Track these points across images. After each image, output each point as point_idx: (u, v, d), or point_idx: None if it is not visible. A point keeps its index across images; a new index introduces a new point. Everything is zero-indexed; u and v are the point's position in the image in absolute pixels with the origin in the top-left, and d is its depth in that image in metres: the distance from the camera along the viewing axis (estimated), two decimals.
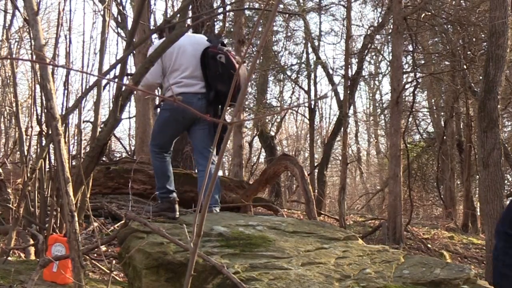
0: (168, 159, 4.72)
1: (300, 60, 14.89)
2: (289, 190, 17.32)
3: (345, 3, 11.37)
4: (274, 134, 15.72)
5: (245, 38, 10.44)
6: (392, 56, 8.97)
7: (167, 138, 4.76)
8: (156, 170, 4.67)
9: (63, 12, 3.29)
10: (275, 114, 16.68)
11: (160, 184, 4.65)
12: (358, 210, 16.22)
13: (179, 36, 2.93)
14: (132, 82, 2.91)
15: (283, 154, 8.11)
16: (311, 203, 5.30)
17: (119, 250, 2.45)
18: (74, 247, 2.01)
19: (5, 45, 7.62)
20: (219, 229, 2.31)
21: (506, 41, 5.99)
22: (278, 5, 1.08)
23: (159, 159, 4.70)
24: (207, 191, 1.25)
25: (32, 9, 2.38)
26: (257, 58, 1.35)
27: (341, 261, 2.18)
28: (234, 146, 11.63)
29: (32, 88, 3.33)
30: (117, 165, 5.97)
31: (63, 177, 2.11)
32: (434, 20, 9.36)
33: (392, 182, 8.31)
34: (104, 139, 2.85)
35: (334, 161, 19.00)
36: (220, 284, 1.99)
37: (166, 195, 4.85)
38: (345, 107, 10.45)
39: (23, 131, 3.43)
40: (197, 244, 1.28)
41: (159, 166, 4.72)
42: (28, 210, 3.18)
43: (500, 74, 6.00)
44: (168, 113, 4.81)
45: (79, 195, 2.97)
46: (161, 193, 4.69)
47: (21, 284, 2.56)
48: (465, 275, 2.11)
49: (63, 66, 2.26)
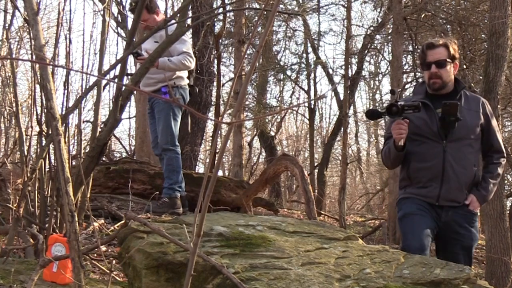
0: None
1: (300, 60, 14.89)
2: (289, 190, 17.31)
3: (345, 3, 11.37)
4: (274, 134, 15.72)
5: (245, 38, 10.44)
6: (392, 56, 8.98)
7: (177, 131, 5.05)
8: (177, 169, 4.84)
9: (63, 12, 3.29)
10: (275, 114, 16.68)
11: (175, 179, 4.84)
12: (358, 210, 16.23)
13: (179, 36, 2.93)
14: (132, 83, 2.91)
15: (283, 154, 8.11)
16: (311, 203, 5.30)
17: (119, 250, 2.45)
18: (74, 247, 2.01)
19: (5, 45, 7.62)
20: (219, 229, 2.32)
21: (506, 41, 5.99)
22: (278, 5, 1.08)
23: (178, 154, 4.92)
24: (207, 191, 1.25)
25: (32, 9, 2.38)
26: (257, 58, 1.35)
27: (341, 261, 2.18)
28: (234, 146, 11.63)
29: (32, 88, 3.33)
30: (117, 165, 5.96)
31: (63, 177, 2.11)
32: (434, 20, 9.36)
33: (392, 182, 8.31)
34: (104, 139, 2.85)
35: (334, 161, 18.99)
36: (220, 284, 1.99)
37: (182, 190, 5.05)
38: (345, 107, 10.46)
39: (23, 131, 3.43)
40: (197, 244, 1.28)
41: (179, 165, 4.94)
42: (28, 210, 3.18)
43: (500, 74, 6.00)
44: (175, 106, 5.03)
45: (79, 195, 2.97)
46: (176, 188, 4.88)
47: (21, 284, 2.56)
48: (465, 275, 2.11)
49: (62, 66, 2.26)
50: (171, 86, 4.93)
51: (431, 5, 9.32)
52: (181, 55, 4.79)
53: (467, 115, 3.08)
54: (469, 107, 3.12)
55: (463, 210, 3.08)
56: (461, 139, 3.06)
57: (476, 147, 3.11)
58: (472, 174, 3.08)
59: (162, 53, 3.01)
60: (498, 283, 5.82)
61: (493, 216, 5.97)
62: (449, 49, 3.10)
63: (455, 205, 3.07)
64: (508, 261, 5.96)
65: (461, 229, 3.07)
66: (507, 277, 5.93)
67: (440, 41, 3.14)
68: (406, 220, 3.13)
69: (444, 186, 3.06)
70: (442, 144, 3.06)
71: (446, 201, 3.07)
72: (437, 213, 3.09)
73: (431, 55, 3.09)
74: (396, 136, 3.01)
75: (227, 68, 14.11)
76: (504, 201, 6.34)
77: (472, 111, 3.11)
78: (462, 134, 3.05)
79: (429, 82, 3.12)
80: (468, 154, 3.07)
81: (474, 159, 3.10)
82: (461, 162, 3.06)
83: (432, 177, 3.08)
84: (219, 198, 5.83)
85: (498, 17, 5.93)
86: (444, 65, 3.08)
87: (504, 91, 8.15)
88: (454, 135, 3.04)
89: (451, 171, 3.05)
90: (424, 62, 3.13)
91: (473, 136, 3.08)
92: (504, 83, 7.01)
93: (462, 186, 3.07)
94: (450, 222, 3.07)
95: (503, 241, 6.00)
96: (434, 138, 3.07)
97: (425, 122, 3.06)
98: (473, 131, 3.08)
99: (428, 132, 3.07)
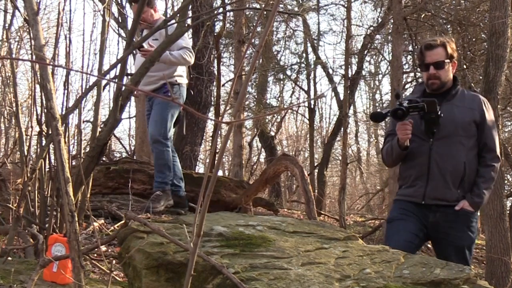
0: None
1: (300, 60, 14.89)
2: (289, 190, 17.31)
3: (345, 3, 11.37)
4: (274, 134, 15.71)
5: (245, 38, 10.44)
6: (392, 56, 8.97)
7: (171, 126, 5.02)
8: (169, 163, 4.82)
9: (63, 12, 3.29)
10: (275, 114, 16.68)
11: (168, 174, 4.82)
12: (358, 210, 16.22)
13: (179, 36, 2.93)
14: (132, 83, 2.91)
15: (283, 154, 8.11)
16: (311, 203, 5.30)
17: (119, 250, 2.45)
18: (74, 247, 2.01)
19: (5, 45, 7.62)
20: (219, 229, 2.31)
21: (506, 41, 5.99)
22: (278, 5, 1.08)
23: (168, 148, 4.88)
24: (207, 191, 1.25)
25: (32, 9, 2.38)
26: (257, 58, 1.36)
27: (341, 261, 2.18)
28: (234, 146, 11.62)
29: (32, 88, 3.33)
30: (117, 165, 5.96)
31: (63, 177, 2.11)
32: (434, 20, 9.36)
33: (392, 182, 8.30)
34: (104, 139, 2.85)
35: (334, 161, 18.99)
36: (220, 284, 1.99)
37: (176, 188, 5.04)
38: (345, 107, 10.46)
39: (23, 131, 3.43)
40: (197, 244, 1.28)
41: (170, 159, 4.91)
42: (28, 210, 3.17)
43: (500, 74, 6.00)
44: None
45: (79, 195, 2.97)
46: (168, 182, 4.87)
47: (21, 284, 2.56)
48: (465, 275, 2.11)
49: (62, 66, 2.27)
50: (172, 83, 4.94)
51: (431, 5, 9.32)
52: (181, 50, 4.79)
53: (456, 111, 3.05)
54: (462, 104, 3.09)
55: (455, 210, 3.03)
56: (449, 136, 3.03)
57: (468, 145, 3.05)
58: (461, 171, 3.02)
59: (163, 53, 3.01)
60: (498, 283, 5.82)
61: (493, 216, 5.97)
62: (447, 49, 3.10)
63: (444, 203, 3.03)
64: (508, 261, 5.96)
65: (452, 230, 3.02)
66: (507, 277, 5.93)
67: (438, 41, 3.13)
68: (388, 226, 3.18)
69: (429, 184, 3.03)
70: (428, 142, 3.05)
71: (433, 200, 3.04)
72: (424, 214, 3.06)
73: (429, 56, 3.09)
74: (402, 137, 3.03)
75: (227, 68, 14.13)
76: (504, 201, 6.33)
77: (465, 108, 3.08)
78: (449, 131, 3.02)
79: (427, 82, 3.13)
80: (456, 151, 3.03)
81: (465, 156, 3.03)
82: (448, 159, 3.02)
83: (418, 176, 3.07)
84: (219, 198, 5.83)
85: (498, 17, 5.93)
86: (442, 66, 3.08)
87: (504, 91, 8.15)
88: (441, 133, 3.02)
89: (436, 169, 3.02)
90: (423, 63, 3.13)
91: (463, 133, 3.04)
92: (504, 83, 7.01)
93: (449, 183, 3.02)
94: (439, 223, 3.04)
95: (503, 241, 6.00)
96: (422, 136, 3.06)
97: (415, 121, 3.05)
98: (462, 127, 3.04)
99: (417, 131, 3.06)
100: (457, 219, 3.03)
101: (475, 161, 3.09)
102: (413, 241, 3.02)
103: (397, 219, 3.10)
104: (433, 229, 3.06)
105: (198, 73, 8.33)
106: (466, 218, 3.04)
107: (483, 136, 3.09)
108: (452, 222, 3.03)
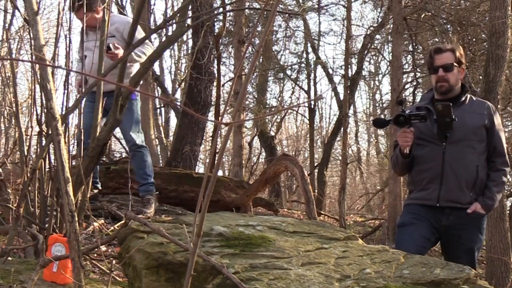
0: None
1: (300, 60, 14.89)
2: (289, 190, 17.31)
3: (345, 3, 11.37)
4: (274, 134, 15.71)
5: (245, 38, 10.44)
6: (392, 56, 8.98)
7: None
8: (149, 165, 4.83)
9: (63, 12, 3.29)
10: (275, 114, 16.68)
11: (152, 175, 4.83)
12: (358, 210, 16.22)
13: (179, 36, 2.93)
14: (132, 83, 2.91)
15: (283, 154, 8.12)
16: (311, 203, 5.30)
17: (119, 250, 2.45)
18: (74, 247, 2.01)
19: (5, 45, 7.62)
20: (219, 229, 2.32)
21: (506, 41, 5.98)
22: (278, 5, 1.08)
23: (148, 153, 4.90)
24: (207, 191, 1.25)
25: (32, 9, 2.38)
26: (257, 58, 1.36)
27: (341, 261, 2.18)
28: (234, 146, 11.62)
29: (32, 88, 3.33)
30: (117, 165, 5.96)
31: (63, 177, 2.11)
32: (434, 20, 9.36)
33: (392, 182, 8.31)
34: (104, 139, 2.85)
35: (334, 161, 18.98)
36: (220, 284, 1.99)
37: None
38: (345, 107, 10.46)
39: (23, 131, 3.43)
40: (197, 244, 1.28)
41: (150, 161, 4.92)
42: (28, 210, 3.17)
43: (500, 74, 6.00)
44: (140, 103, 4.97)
45: (79, 195, 2.97)
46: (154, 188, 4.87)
47: (21, 284, 2.56)
48: (465, 275, 2.11)
49: (61, 67, 2.27)
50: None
51: (431, 5, 9.32)
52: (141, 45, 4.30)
53: (467, 117, 3.12)
54: (472, 109, 3.16)
55: (468, 213, 3.08)
56: (461, 141, 3.08)
57: (479, 149, 3.11)
58: (474, 174, 3.08)
59: (163, 53, 3.01)
60: (498, 283, 5.82)
61: (493, 216, 5.96)
62: (455, 54, 3.18)
63: (457, 206, 3.08)
64: (508, 261, 5.96)
65: (464, 232, 3.08)
66: (507, 277, 5.93)
67: (447, 46, 3.23)
68: (399, 230, 3.23)
69: (443, 187, 3.08)
70: (441, 146, 3.09)
71: (447, 202, 3.08)
72: (437, 217, 3.10)
73: (439, 59, 3.16)
74: (402, 144, 3.10)
75: (227, 68, 14.13)
76: (504, 201, 6.33)
77: (475, 113, 3.14)
78: (462, 135, 3.08)
79: (436, 85, 3.18)
80: (469, 155, 3.09)
81: (477, 160, 3.10)
82: (461, 162, 3.08)
83: (431, 179, 3.11)
84: (219, 198, 5.83)
85: (498, 17, 5.93)
86: (451, 69, 3.14)
87: (504, 91, 8.14)
88: (454, 137, 3.08)
89: (450, 171, 3.07)
90: (432, 66, 3.21)
91: (474, 137, 3.10)
92: (504, 83, 7.01)
93: (462, 186, 3.08)
94: (452, 226, 3.09)
95: (503, 241, 6.00)
96: (434, 140, 3.12)
97: (427, 126, 3.11)
98: (474, 132, 3.10)
99: (430, 136, 3.12)
100: (469, 222, 3.08)
101: (485, 164, 3.16)
102: (425, 246, 3.09)
103: (409, 223, 3.14)
104: (445, 232, 3.11)
105: (198, 73, 8.33)
106: (477, 221, 3.11)
107: (493, 140, 3.16)
108: (464, 224, 3.08)
